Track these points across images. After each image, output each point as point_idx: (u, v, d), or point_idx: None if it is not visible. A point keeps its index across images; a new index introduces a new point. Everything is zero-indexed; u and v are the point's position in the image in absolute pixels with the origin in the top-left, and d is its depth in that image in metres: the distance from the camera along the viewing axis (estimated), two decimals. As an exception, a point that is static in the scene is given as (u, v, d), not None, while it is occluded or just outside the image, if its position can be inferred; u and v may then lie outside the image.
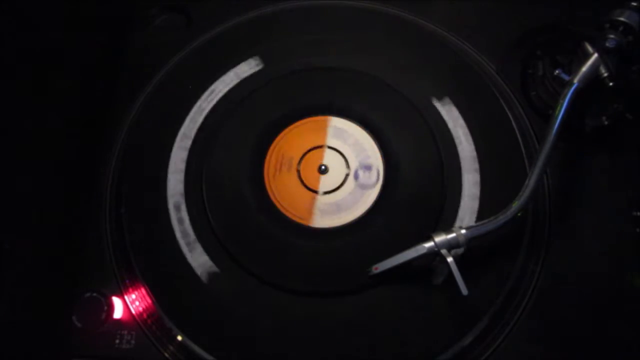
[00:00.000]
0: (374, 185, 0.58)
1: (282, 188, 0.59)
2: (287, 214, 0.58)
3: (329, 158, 0.61)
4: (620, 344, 0.54)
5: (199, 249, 0.57)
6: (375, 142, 0.60)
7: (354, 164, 0.60)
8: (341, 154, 0.60)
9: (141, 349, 0.56)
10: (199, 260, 0.57)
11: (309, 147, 0.61)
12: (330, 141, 0.61)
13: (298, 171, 0.60)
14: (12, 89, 0.56)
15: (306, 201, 0.59)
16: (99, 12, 0.68)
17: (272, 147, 0.61)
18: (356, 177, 0.59)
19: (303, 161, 0.60)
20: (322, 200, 0.59)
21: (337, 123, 0.61)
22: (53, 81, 0.61)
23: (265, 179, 0.60)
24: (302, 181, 0.60)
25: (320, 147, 0.61)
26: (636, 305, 0.54)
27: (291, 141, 0.61)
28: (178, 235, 0.58)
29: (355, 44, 0.65)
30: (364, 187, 0.58)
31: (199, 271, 0.56)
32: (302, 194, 0.59)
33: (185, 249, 0.57)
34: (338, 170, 0.60)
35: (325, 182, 0.60)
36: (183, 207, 0.59)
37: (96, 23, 0.68)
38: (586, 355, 0.54)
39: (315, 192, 0.59)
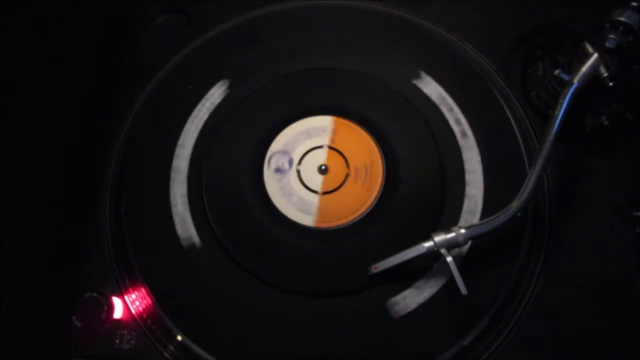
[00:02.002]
0: (288, 170, 0.58)
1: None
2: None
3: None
4: (620, 344, 0.54)
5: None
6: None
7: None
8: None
9: (141, 349, 0.56)
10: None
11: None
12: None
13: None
14: (12, 89, 0.56)
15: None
16: (98, 11, 0.68)
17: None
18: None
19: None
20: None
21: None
22: (53, 81, 0.61)
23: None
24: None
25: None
26: (636, 305, 0.54)
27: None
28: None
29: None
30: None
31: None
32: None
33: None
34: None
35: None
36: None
37: (96, 23, 0.68)
38: (586, 355, 0.54)
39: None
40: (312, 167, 0.60)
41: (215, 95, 0.64)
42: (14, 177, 0.55)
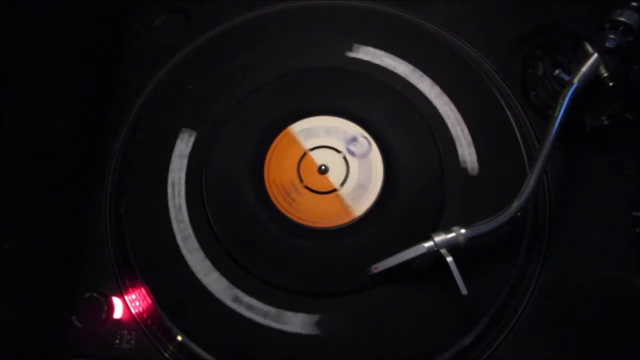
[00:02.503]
0: (370, 149, 0.58)
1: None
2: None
3: (319, 157, 0.61)
4: (620, 344, 0.54)
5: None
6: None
7: (341, 145, 0.60)
8: (325, 147, 0.60)
9: (141, 349, 0.56)
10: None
11: (296, 162, 0.60)
12: (307, 144, 0.61)
13: (306, 187, 0.59)
14: (12, 89, 0.56)
15: (335, 205, 0.58)
16: (98, 12, 0.68)
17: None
18: (351, 153, 0.59)
19: (302, 176, 0.60)
20: (346, 191, 0.59)
21: (298, 127, 0.61)
22: (53, 81, 0.61)
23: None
24: (316, 192, 0.59)
25: (304, 155, 0.61)
26: (636, 305, 0.54)
27: (279, 168, 0.60)
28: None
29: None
30: (364, 155, 0.58)
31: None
32: (325, 201, 0.59)
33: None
34: (336, 161, 0.60)
35: (334, 177, 0.60)
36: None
37: (96, 23, 0.68)
38: (586, 355, 0.54)
39: (335, 190, 0.59)
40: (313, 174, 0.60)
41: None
42: (14, 177, 0.55)
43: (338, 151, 0.60)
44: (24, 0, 0.57)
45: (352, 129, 0.61)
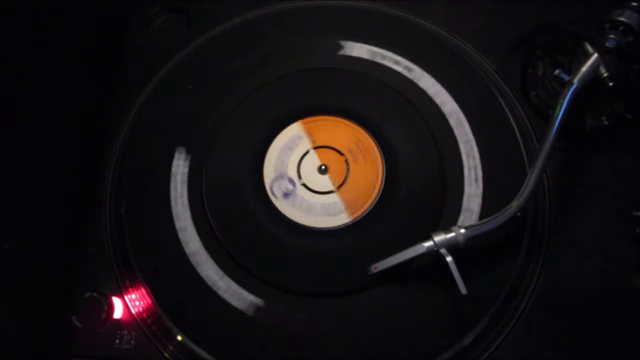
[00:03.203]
0: (293, 192, 0.58)
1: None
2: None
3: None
4: (620, 344, 0.54)
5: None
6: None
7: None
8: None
9: (141, 349, 0.56)
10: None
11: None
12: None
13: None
14: (12, 90, 0.56)
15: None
16: (98, 12, 0.68)
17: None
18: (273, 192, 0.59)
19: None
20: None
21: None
22: (53, 81, 0.61)
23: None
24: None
25: (307, 152, 0.61)
26: (636, 305, 0.54)
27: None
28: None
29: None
30: (288, 195, 0.58)
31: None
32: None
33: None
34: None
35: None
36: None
37: (96, 23, 0.68)
38: (586, 355, 0.54)
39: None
40: (313, 172, 0.60)
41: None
42: (14, 177, 0.55)
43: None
44: (24, 0, 0.57)
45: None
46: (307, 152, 0.61)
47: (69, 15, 0.63)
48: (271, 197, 0.59)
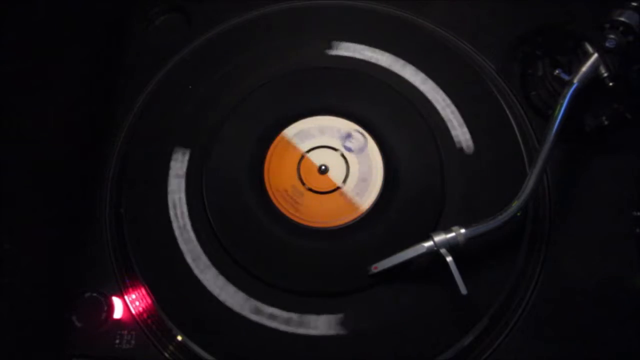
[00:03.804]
0: (366, 143, 0.58)
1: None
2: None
3: (318, 157, 0.61)
4: (620, 344, 0.54)
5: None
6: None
7: (338, 143, 0.60)
8: (322, 147, 0.60)
9: (141, 349, 0.56)
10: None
11: (295, 166, 0.60)
12: (303, 146, 0.61)
13: (309, 189, 0.59)
14: (12, 89, 0.56)
15: (340, 202, 0.58)
16: (98, 12, 0.68)
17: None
18: (348, 149, 0.59)
19: (303, 178, 0.60)
20: (349, 187, 0.59)
21: (292, 131, 0.61)
22: (53, 81, 0.61)
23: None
24: (319, 192, 0.59)
25: (302, 157, 0.61)
26: (636, 305, 0.54)
27: (278, 173, 0.60)
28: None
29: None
30: (361, 150, 0.58)
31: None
32: (331, 200, 0.59)
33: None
34: (334, 159, 0.60)
35: (335, 176, 0.60)
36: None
37: (96, 23, 0.68)
38: (586, 355, 0.54)
39: (339, 188, 0.59)
40: (313, 173, 0.60)
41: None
42: (14, 177, 0.55)
43: (335, 149, 0.60)
44: (24, 1, 0.57)
45: (346, 125, 0.61)
46: (304, 155, 0.61)
47: (69, 15, 0.63)
48: (345, 152, 0.59)
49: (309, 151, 0.61)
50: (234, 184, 0.59)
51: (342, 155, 0.60)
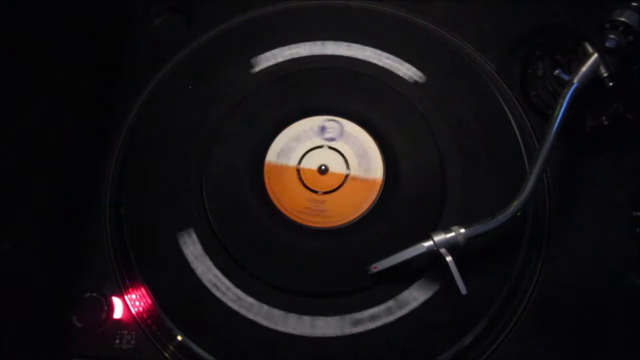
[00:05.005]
0: (341, 126, 0.58)
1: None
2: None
3: (311, 162, 0.60)
4: (620, 344, 0.54)
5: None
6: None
7: (318, 140, 0.60)
8: (307, 151, 0.60)
9: (141, 349, 0.56)
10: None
11: (298, 183, 0.60)
12: (292, 161, 0.60)
13: (325, 192, 0.59)
14: (12, 89, 0.56)
15: (358, 187, 0.59)
16: (98, 12, 0.68)
17: (266, 178, 0.60)
18: (331, 139, 0.59)
19: (312, 187, 0.60)
20: (355, 169, 0.59)
21: (272, 154, 0.61)
22: (53, 81, 0.61)
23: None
24: (335, 190, 0.59)
25: (298, 170, 0.60)
26: (636, 305, 0.54)
27: (289, 197, 0.59)
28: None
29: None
30: (341, 134, 0.58)
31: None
32: (348, 191, 0.59)
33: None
34: (326, 155, 0.60)
35: (337, 167, 0.60)
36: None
37: (96, 23, 0.68)
38: (586, 355, 0.54)
39: (348, 175, 0.59)
40: (313, 173, 0.60)
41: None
42: (14, 176, 0.55)
43: (320, 146, 0.60)
44: (24, 1, 0.57)
45: (313, 122, 0.61)
46: (298, 168, 0.61)
47: (69, 15, 0.63)
48: (329, 143, 0.59)
49: (300, 162, 0.60)
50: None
51: (330, 147, 0.60)
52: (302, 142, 0.61)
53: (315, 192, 0.59)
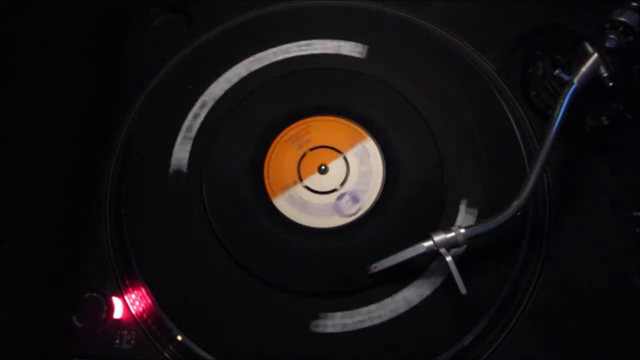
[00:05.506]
0: (348, 215, 0.58)
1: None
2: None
3: (335, 164, 0.61)
4: (620, 344, 0.54)
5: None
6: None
7: (347, 186, 0.59)
8: (348, 169, 0.60)
9: (141, 349, 0.56)
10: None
11: (330, 144, 0.61)
12: (350, 155, 0.61)
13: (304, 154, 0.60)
14: (12, 89, 0.56)
15: (287, 179, 0.59)
16: (98, 12, 0.68)
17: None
18: (339, 198, 0.58)
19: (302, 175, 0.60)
20: (298, 189, 0.59)
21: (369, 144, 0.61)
22: (52, 81, 0.61)
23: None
24: (317, 192, 0.60)
25: (340, 152, 0.61)
26: (636, 305, 0.54)
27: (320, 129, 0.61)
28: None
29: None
30: (338, 210, 0.58)
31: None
32: (289, 170, 0.59)
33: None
34: (333, 180, 0.60)
35: (314, 181, 0.60)
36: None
37: (96, 23, 0.68)
38: (586, 355, 0.54)
39: (300, 180, 0.59)
40: (313, 173, 0.60)
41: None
42: (14, 177, 0.55)
43: (342, 184, 0.60)
44: (24, 1, 0.57)
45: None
46: (305, 154, 0.61)
47: (69, 15, 0.63)
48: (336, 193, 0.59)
49: (314, 148, 0.61)
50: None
51: (345, 159, 0.60)
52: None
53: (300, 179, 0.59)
